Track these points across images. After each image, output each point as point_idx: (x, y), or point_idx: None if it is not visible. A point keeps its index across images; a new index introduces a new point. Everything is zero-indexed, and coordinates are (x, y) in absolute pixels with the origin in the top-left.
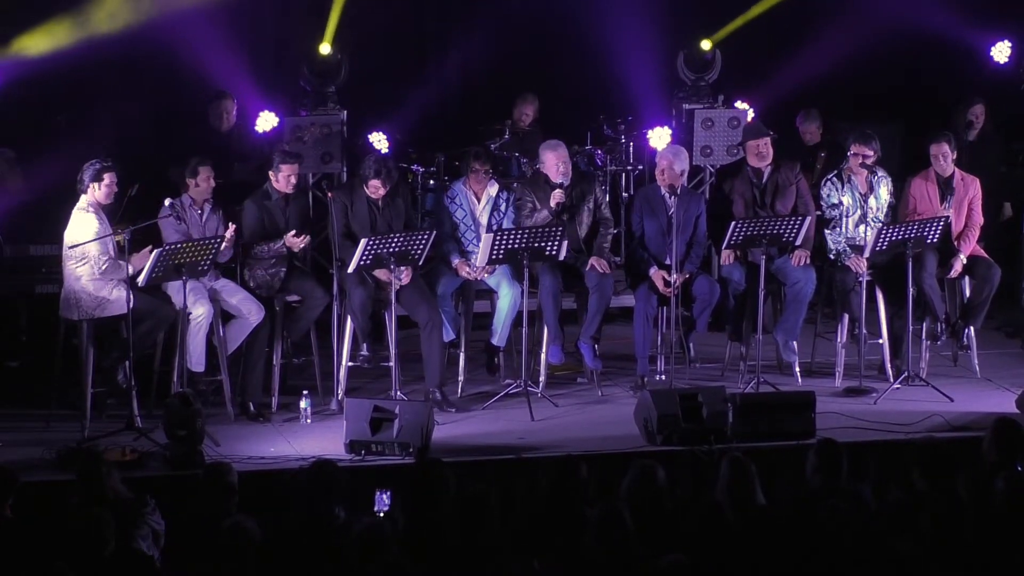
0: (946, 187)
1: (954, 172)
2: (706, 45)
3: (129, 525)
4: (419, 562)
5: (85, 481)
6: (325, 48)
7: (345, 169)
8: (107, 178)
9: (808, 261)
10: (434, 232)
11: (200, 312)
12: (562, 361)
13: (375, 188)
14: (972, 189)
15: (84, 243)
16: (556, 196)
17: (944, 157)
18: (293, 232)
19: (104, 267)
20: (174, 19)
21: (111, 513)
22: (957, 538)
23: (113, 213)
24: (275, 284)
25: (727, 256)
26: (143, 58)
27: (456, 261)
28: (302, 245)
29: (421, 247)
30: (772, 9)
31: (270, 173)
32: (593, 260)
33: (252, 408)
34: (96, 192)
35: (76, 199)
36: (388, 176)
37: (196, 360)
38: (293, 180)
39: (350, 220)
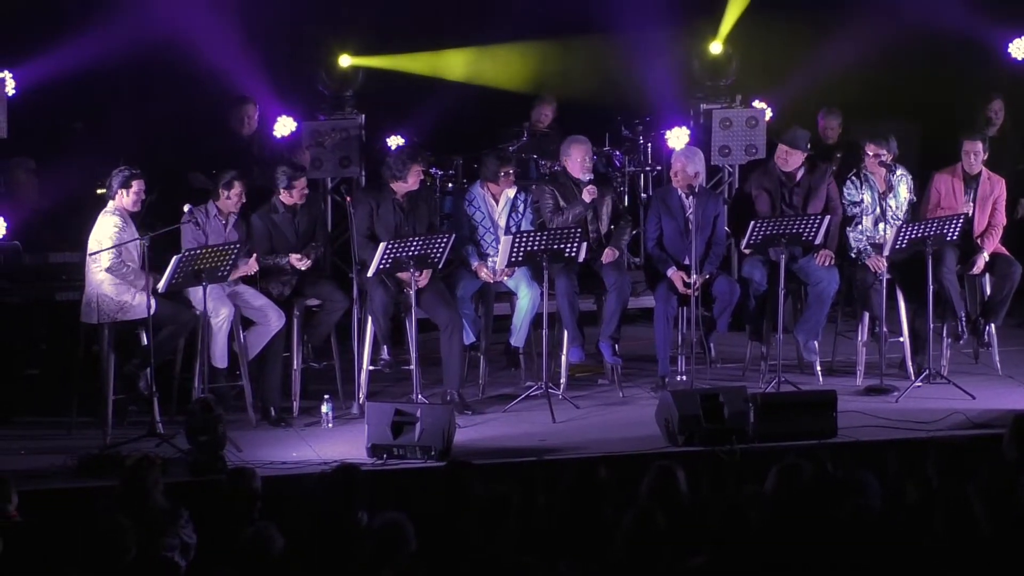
0: (971, 183)
1: (981, 170)
2: (716, 48)
3: (159, 535)
4: (442, 564)
5: (130, 488)
6: (345, 60)
7: (363, 173)
8: (135, 185)
9: (833, 261)
10: (453, 235)
11: (222, 313)
12: (582, 360)
13: (417, 175)
14: (998, 189)
15: (107, 249)
16: (590, 191)
17: (976, 155)
18: (297, 257)
19: (110, 264)
20: (190, 23)
21: (141, 521)
22: (974, 536)
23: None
24: (286, 292)
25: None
26: (160, 63)
27: (475, 264)
28: (305, 266)
29: (440, 250)
30: (790, 8)
31: (282, 190)
32: (607, 250)
33: (273, 413)
34: (124, 199)
35: (94, 205)
36: (426, 160)
37: (220, 356)
38: (306, 191)
39: (375, 223)
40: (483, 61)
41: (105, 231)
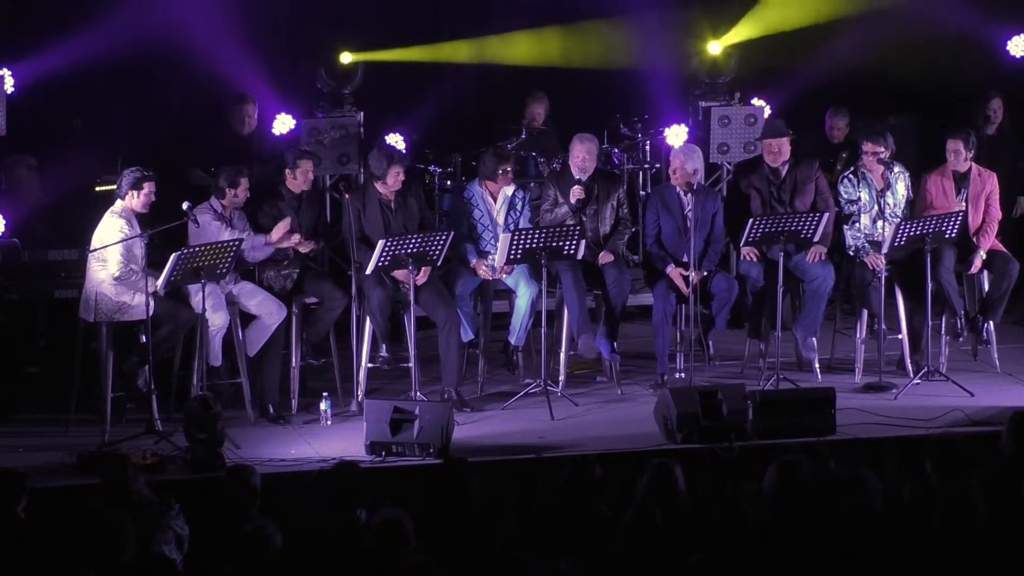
0: (961, 181)
1: (971, 167)
2: (715, 48)
3: (153, 529)
4: (441, 561)
5: (110, 484)
6: (346, 57)
7: (362, 170)
8: (147, 187)
9: (824, 257)
10: (451, 233)
11: (217, 321)
12: (593, 352)
13: (396, 175)
14: (989, 184)
15: (107, 246)
16: (575, 192)
17: (956, 153)
18: (298, 238)
19: (119, 272)
20: (189, 20)
21: (133, 517)
22: (972, 534)
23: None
24: (287, 286)
25: (749, 253)
26: (159, 61)
27: (474, 261)
28: (306, 250)
29: (439, 248)
30: (787, 5)
31: (287, 172)
32: (601, 253)
33: (272, 410)
34: (134, 200)
35: (94, 203)
36: (402, 160)
37: (214, 356)
38: (310, 176)
39: (363, 224)
40: (488, 48)
41: (111, 235)
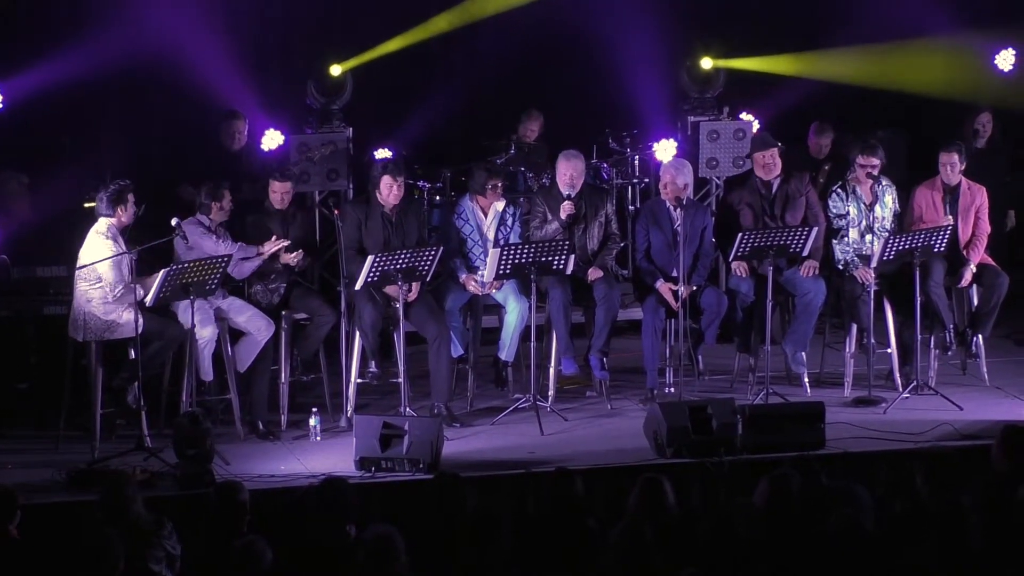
0: (951, 195)
1: (960, 181)
2: (707, 63)
3: (144, 547)
4: None
5: (108, 502)
6: (336, 69)
7: (351, 186)
8: (130, 197)
9: (817, 272)
10: (441, 248)
11: (205, 334)
12: (575, 372)
13: (387, 186)
14: (979, 198)
15: (95, 262)
16: (566, 208)
17: (952, 167)
18: (286, 243)
19: (119, 293)
20: (178, 37)
21: (126, 534)
22: (963, 548)
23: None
24: (274, 300)
25: (738, 268)
26: (147, 77)
27: (463, 276)
28: (295, 261)
29: (428, 263)
30: (778, 19)
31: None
32: (590, 270)
33: (261, 426)
34: (123, 215)
35: (83, 219)
36: (396, 170)
37: (205, 371)
38: (279, 196)
39: (363, 235)
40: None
41: (100, 254)
